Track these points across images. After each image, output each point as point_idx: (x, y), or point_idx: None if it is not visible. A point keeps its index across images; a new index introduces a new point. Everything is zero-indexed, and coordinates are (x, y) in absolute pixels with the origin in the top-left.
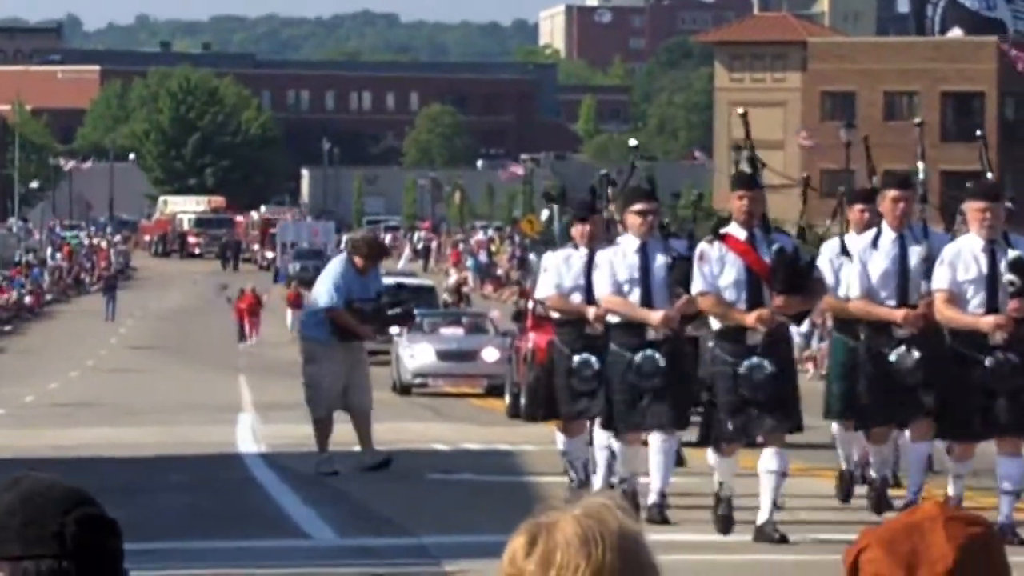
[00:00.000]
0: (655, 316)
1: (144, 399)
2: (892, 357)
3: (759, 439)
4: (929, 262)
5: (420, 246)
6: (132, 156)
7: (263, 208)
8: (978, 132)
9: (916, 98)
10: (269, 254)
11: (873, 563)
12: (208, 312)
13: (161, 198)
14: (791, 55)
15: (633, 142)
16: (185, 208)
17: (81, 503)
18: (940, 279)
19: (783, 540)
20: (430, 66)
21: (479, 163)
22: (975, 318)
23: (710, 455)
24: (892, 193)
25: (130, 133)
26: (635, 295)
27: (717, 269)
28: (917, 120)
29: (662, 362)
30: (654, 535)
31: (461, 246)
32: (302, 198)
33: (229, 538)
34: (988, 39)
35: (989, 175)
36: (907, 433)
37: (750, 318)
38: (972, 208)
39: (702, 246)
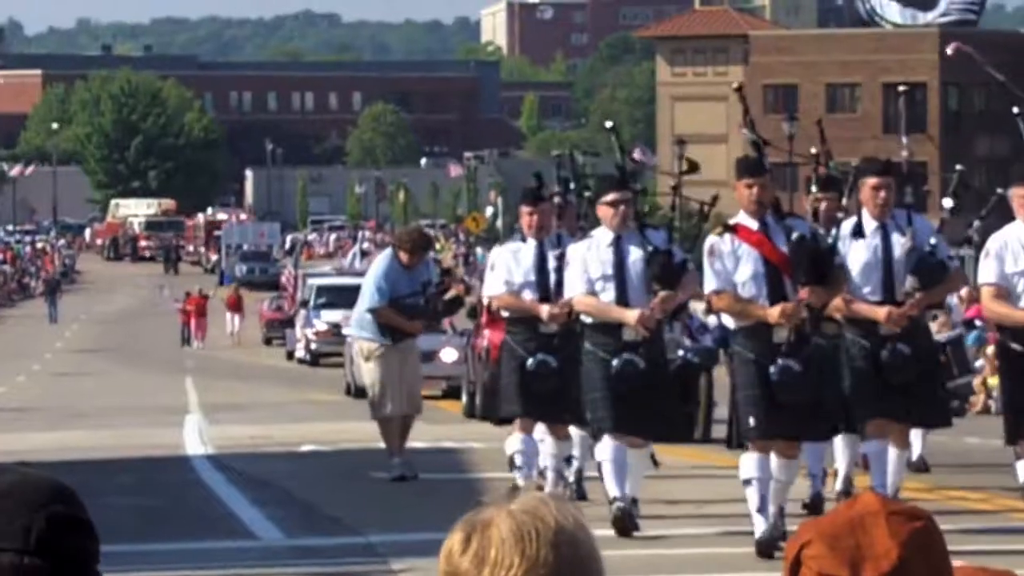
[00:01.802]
0: (631, 315)
1: (91, 402)
2: (883, 355)
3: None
4: (915, 253)
5: (364, 246)
6: (75, 163)
7: (210, 210)
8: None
9: (858, 90)
10: (214, 256)
11: (816, 560)
12: (153, 315)
13: (113, 201)
14: (732, 49)
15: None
16: (136, 211)
17: (57, 501)
18: (987, 272)
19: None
20: (372, 65)
21: (423, 161)
22: None
23: (742, 463)
24: (872, 180)
25: (73, 137)
26: (609, 292)
27: (731, 264)
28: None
29: (641, 364)
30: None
31: None
32: (246, 199)
33: (176, 540)
34: (930, 30)
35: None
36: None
37: (774, 313)
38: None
39: (711, 240)
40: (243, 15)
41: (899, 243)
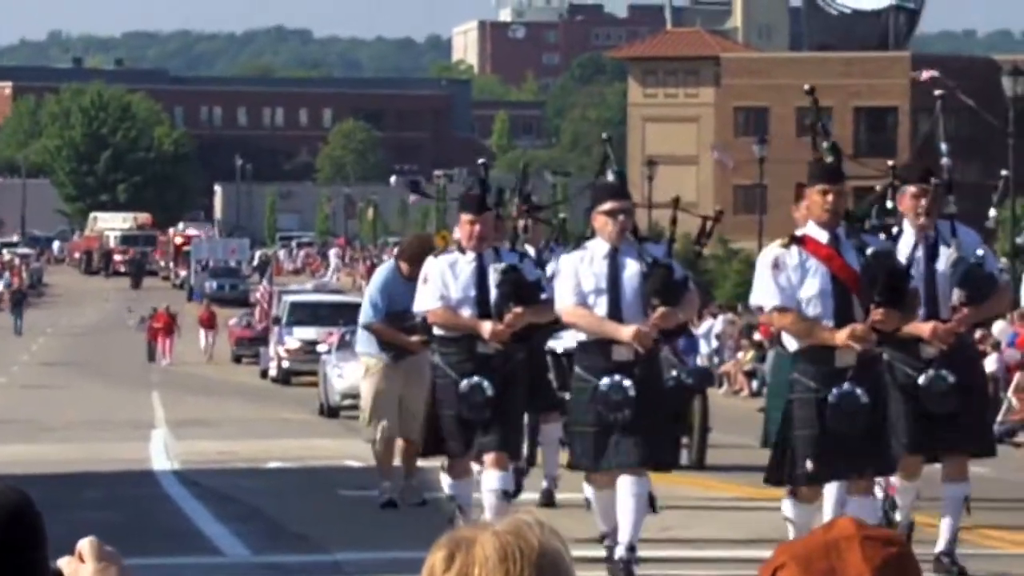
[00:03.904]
0: (626, 332)
1: (57, 416)
2: (921, 380)
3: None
4: (962, 264)
5: (334, 263)
6: (43, 175)
7: (181, 225)
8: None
9: (829, 114)
10: (182, 272)
11: None
12: (121, 329)
13: (91, 215)
14: (704, 71)
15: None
16: (113, 225)
17: (3, 508)
18: None
19: None
20: (343, 82)
21: (392, 179)
22: None
23: (785, 504)
24: (912, 188)
25: (42, 149)
26: (601, 307)
27: (796, 279)
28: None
29: (632, 390)
30: None
31: (373, 261)
32: (215, 214)
33: (142, 555)
34: (902, 54)
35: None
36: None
37: (842, 336)
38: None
39: (776, 252)
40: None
41: (944, 255)
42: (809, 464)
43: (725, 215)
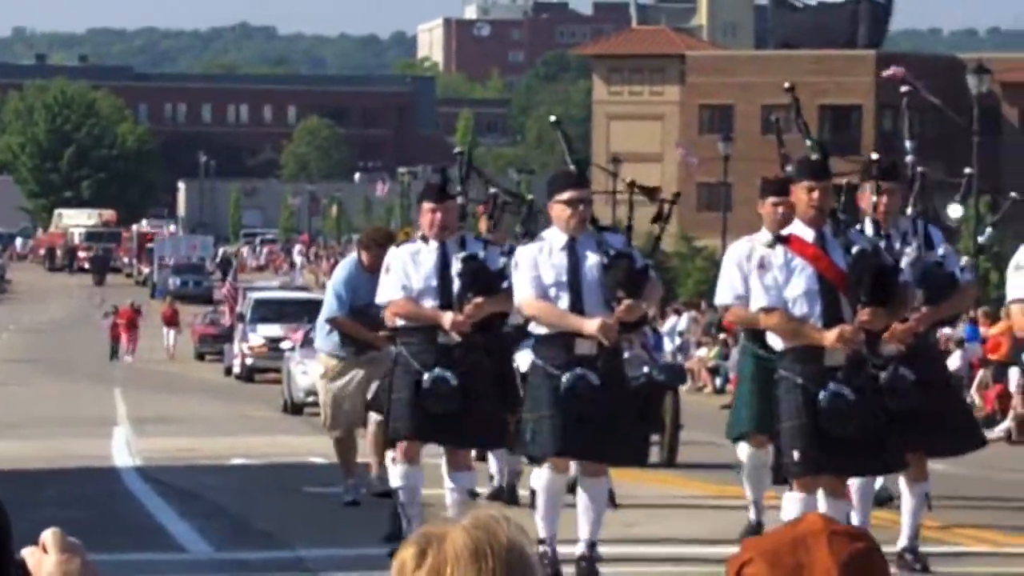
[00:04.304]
0: (590, 324)
1: (20, 412)
2: (882, 377)
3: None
4: (920, 264)
5: (298, 260)
6: (7, 172)
7: (144, 222)
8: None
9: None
10: (145, 269)
11: None
12: (84, 325)
13: (56, 211)
14: (669, 68)
15: (553, 118)
16: (77, 222)
17: None
18: (1016, 288)
19: None
20: (308, 79)
21: (357, 176)
22: None
23: (785, 499)
24: (872, 185)
25: (5, 146)
26: (563, 301)
27: (782, 278)
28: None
29: (596, 381)
30: None
31: (337, 258)
32: (179, 211)
33: (105, 551)
34: (867, 53)
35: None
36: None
37: (831, 336)
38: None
39: (762, 252)
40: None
41: (905, 254)
42: (796, 454)
43: (690, 213)
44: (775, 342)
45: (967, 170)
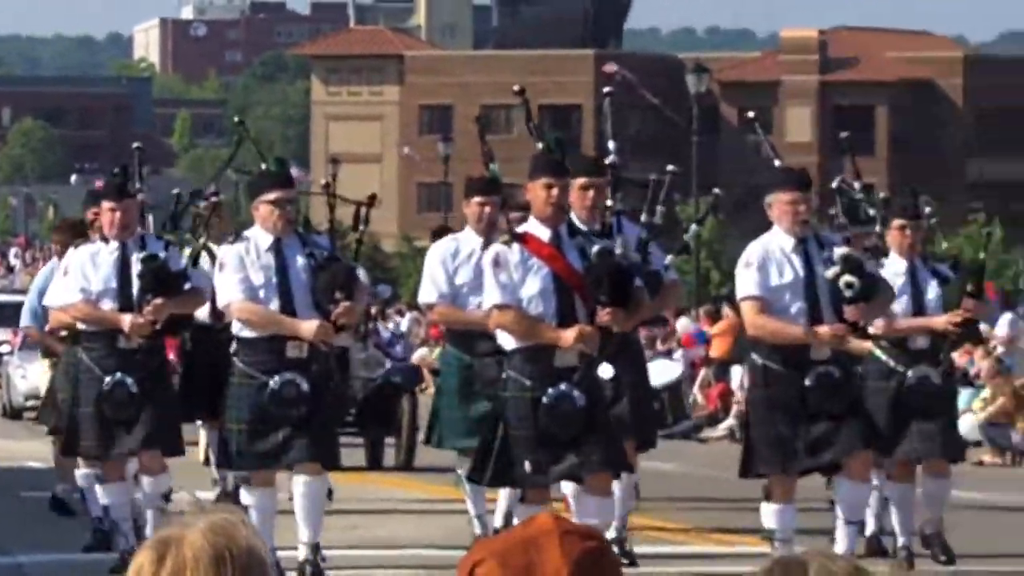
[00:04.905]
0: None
1: None
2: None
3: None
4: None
5: (14, 263)
6: None
7: None
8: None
9: (513, 112)
10: None
11: None
12: None
13: None
14: (388, 69)
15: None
16: None
17: None
18: (749, 285)
19: None
20: (22, 80)
21: (73, 178)
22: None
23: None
24: (582, 181)
25: None
26: (273, 303)
27: (518, 277)
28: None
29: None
30: None
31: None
32: None
33: None
34: (586, 52)
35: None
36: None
37: (568, 337)
38: (781, 200)
39: (497, 248)
40: None
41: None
42: (528, 465)
43: (410, 214)
44: (506, 341)
45: (669, 167)
